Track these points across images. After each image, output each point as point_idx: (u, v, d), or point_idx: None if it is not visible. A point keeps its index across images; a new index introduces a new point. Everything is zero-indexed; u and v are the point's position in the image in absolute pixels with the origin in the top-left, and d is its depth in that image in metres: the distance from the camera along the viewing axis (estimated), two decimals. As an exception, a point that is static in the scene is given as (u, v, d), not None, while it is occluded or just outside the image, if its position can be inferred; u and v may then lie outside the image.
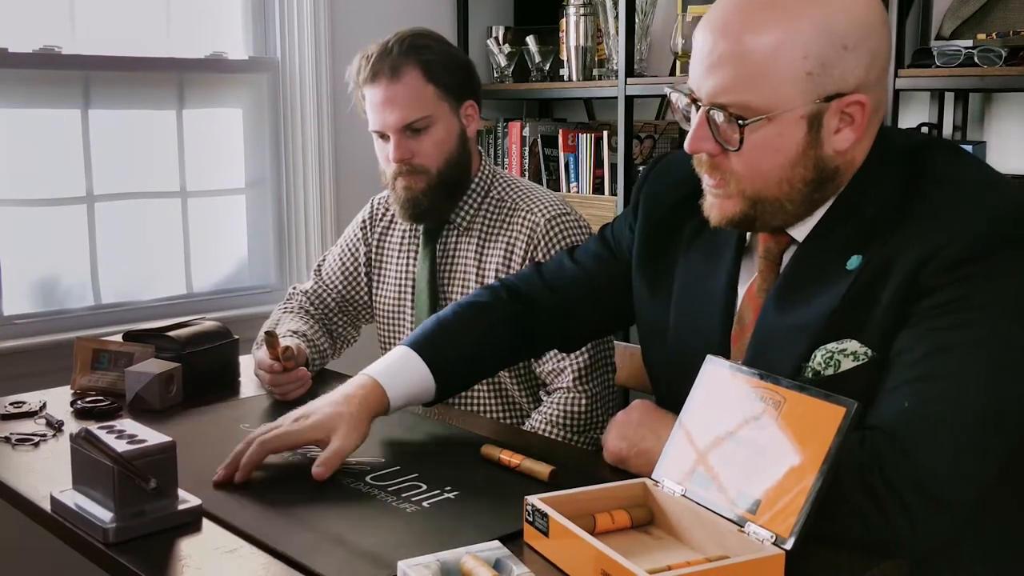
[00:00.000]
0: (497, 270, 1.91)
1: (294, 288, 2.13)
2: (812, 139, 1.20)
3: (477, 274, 1.93)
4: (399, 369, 1.47)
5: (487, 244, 1.94)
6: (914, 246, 1.16)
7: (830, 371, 1.20)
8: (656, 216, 1.46)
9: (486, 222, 1.95)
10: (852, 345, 1.19)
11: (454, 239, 1.97)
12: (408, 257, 2.02)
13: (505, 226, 1.93)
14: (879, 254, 1.19)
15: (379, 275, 2.07)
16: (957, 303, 1.13)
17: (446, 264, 1.97)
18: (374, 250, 2.08)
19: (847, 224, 1.24)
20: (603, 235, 1.58)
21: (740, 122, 1.19)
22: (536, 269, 1.60)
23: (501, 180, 2.00)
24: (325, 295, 2.09)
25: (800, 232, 1.28)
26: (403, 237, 2.04)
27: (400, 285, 2.03)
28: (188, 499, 1.23)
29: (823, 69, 1.17)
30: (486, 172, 1.98)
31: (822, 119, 1.19)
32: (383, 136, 1.90)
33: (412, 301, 2.00)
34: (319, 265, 2.14)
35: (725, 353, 1.32)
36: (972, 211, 1.16)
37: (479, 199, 1.96)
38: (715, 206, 1.28)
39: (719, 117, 1.21)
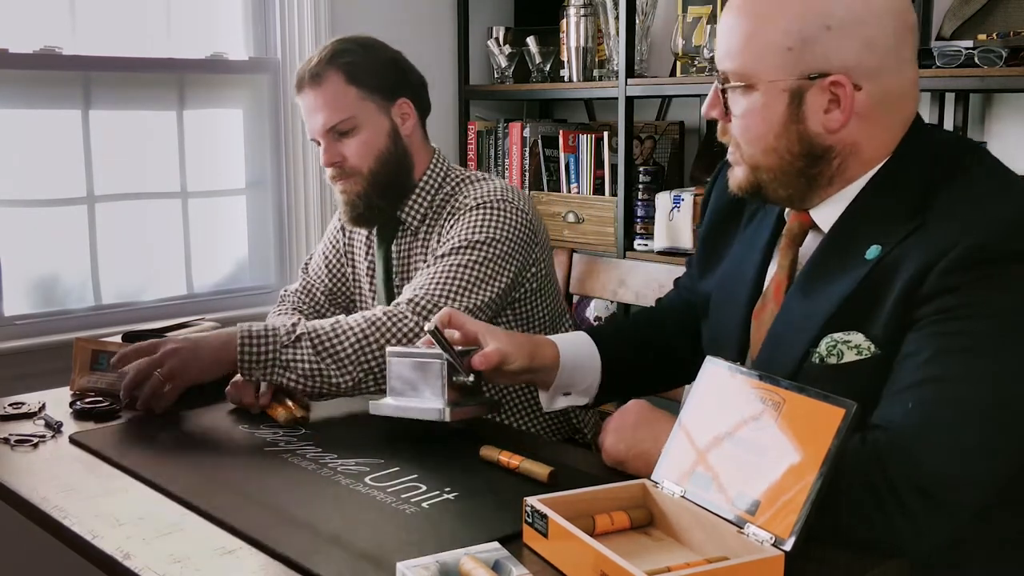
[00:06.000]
0: None
1: (285, 290, 2.14)
2: (794, 114, 1.26)
3: None
4: (568, 334, 1.56)
5: (438, 243, 1.91)
6: (925, 246, 1.17)
7: (832, 360, 1.22)
8: (719, 209, 1.53)
9: (437, 220, 1.91)
10: (857, 338, 1.21)
11: (408, 240, 1.94)
12: (371, 257, 2.02)
13: (451, 221, 1.88)
14: (895, 249, 1.21)
15: (352, 271, 2.08)
16: (963, 309, 1.14)
17: (401, 265, 1.95)
18: (345, 246, 2.09)
19: (871, 214, 1.27)
20: (677, 286, 1.66)
21: (724, 85, 1.28)
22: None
23: (453, 176, 1.95)
24: (313, 289, 2.11)
25: (825, 219, 1.31)
26: (366, 236, 2.04)
27: (368, 282, 2.04)
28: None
29: (804, 46, 1.23)
30: (437, 169, 1.94)
31: (804, 96, 1.25)
32: (318, 143, 1.90)
33: (373, 300, 2.01)
34: (306, 263, 2.16)
35: (747, 327, 1.37)
36: (984, 218, 1.17)
37: (428, 198, 1.92)
38: (731, 173, 1.36)
39: (723, 84, 1.30)
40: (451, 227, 1.84)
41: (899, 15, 1.25)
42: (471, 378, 1.43)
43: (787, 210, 1.38)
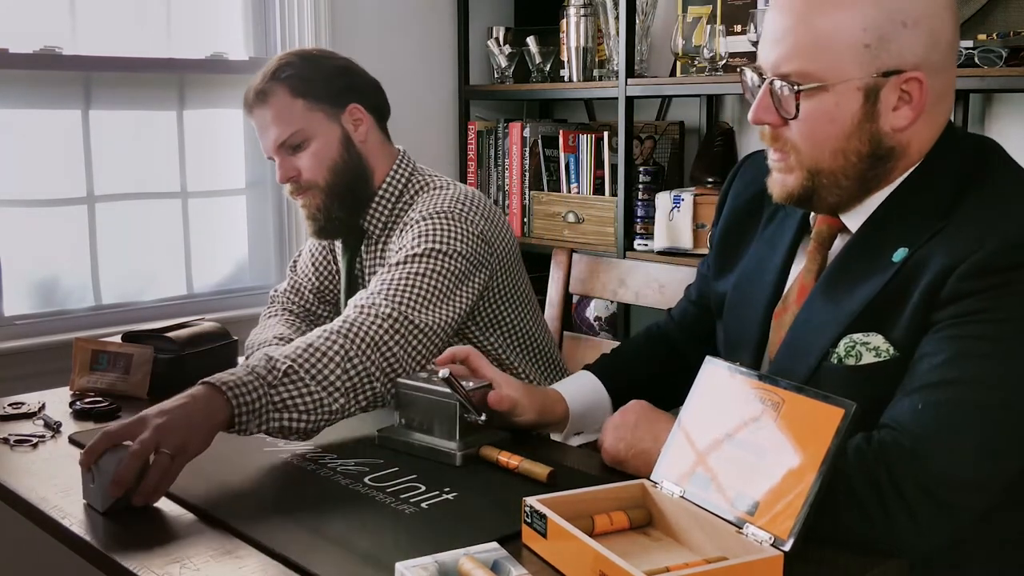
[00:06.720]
0: None
1: (275, 290, 2.12)
2: (868, 112, 1.23)
3: None
4: (574, 379, 1.57)
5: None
6: (949, 249, 1.17)
7: (851, 361, 1.22)
8: (738, 208, 1.51)
9: (396, 227, 1.87)
10: (876, 340, 1.21)
11: (373, 248, 1.91)
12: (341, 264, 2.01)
13: (401, 232, 1.83)
14: (921, 252, 1.20)
15: (337, 268, 2.06)
16: (982, 314, 1.14)
17: (369, 274, 1.92)
18: (330, 243, 2.06)
19: (900, 217, 1.26)
20: (687, 294, 1.64)
21: (796, 87, 1.23)
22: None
23: (415, 182, 1.90)
24: (302, 288, 2.09)
25: (854, 221, 1.30)
26: (338, 242, 2.02)
27: (343, 289, 2.02)
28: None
29: (881, 43, 1.20)
30: (399, 175, 1.89)
31: (879, 94, 1.22)
32: (274, 160, 1.87)
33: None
34: (294, 261, 2.14)
35: (766, 328, 1.36)
36: (1006, 222, 1.17)
37: (388, 206, 1.88)
38: (777, 181, 1.32)
39: (780, 87, 1.25)
40: (401, 237, 1.79)
41: (952, 8, 1.25)
42: (483, 417, 1.43)
43: (812, 214, 1.36)
